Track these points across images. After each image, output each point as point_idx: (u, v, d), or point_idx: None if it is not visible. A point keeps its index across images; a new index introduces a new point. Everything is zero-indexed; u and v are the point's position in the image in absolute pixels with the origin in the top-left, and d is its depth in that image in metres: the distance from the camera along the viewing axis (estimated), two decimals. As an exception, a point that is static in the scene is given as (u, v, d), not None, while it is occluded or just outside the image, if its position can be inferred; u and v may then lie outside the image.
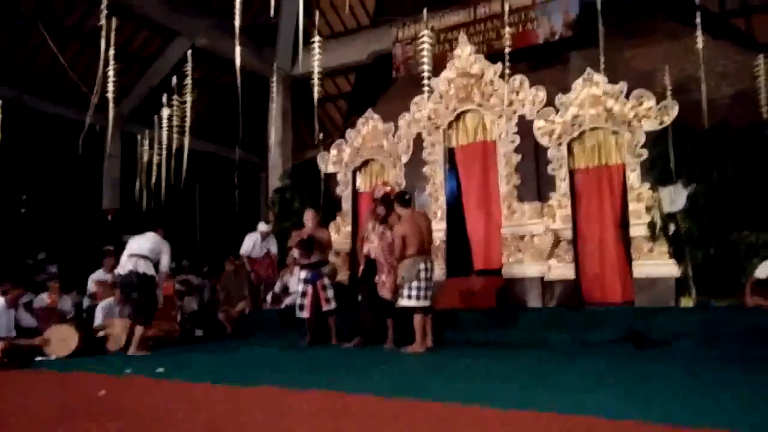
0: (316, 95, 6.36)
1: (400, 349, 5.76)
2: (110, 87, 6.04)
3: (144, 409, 3.00)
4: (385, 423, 2.78)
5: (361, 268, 6.45)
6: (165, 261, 6.49)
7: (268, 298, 8.66)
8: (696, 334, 5.59)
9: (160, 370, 4.84)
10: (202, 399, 3.63)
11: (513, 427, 2.61)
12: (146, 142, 8.94)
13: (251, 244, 8.71)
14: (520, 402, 3.08)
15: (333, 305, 6.69)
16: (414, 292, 5.69)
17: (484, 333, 6.58)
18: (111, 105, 6.00)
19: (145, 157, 9.00)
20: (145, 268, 6.25)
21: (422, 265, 5.76)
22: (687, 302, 6.52)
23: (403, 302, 5.75)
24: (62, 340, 6.06)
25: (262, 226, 8.95)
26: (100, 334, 6.60)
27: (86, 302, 8.11)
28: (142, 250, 6.35)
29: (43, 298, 7.85)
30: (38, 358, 5.89)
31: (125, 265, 6.29)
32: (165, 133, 8.10)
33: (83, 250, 10.36)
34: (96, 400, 3.38)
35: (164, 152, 8.39)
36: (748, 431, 2.41)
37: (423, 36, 7.82)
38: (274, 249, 8.89)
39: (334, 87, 15.88)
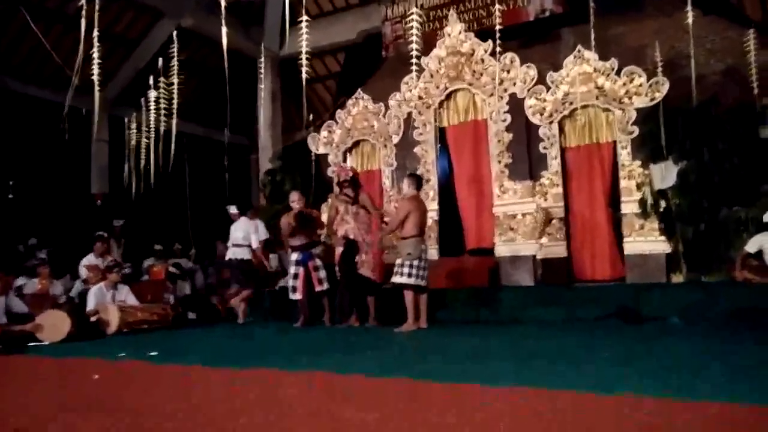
0: (304, 76, 6.29)
1: (394, 329, 5.79)
2: (95, 70, 5.92)
3: (143, 407, 2.96)
4: (381, 404, 2.79)
5: (340, 249, 6.47)
6: (254, 239, 7.67)
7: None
8: (687, 309, 5.65)
9: (154, 354, 4.84)
10: (198, 385, 3.63)
11: (509, 404, 2.63)
12: (134, 126, 8.83)
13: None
14: (516, 379, 3.10)
15: (326, 286, 6.69)
16: (414, 271, 5.79)
17: (477, 312, 6.63)
18: (96, 88, 5.89)
19: (133, 141, 8.89)
20: (242, 254, 7.61)
21: (423, 246, 5.91)
22: (678, 278, 6.60)
23: (402, 279, 5.79)
24: (55, 325, 6.04)
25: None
26: (93, 318, 6.59)
27: (79, 287, 8.06)
28: (237, 239, 7.67)
29: (35, 283, 7.80)
30: (31, 344, 5.87)
31: (231, 252, 7.71)
32: (153, 116, 7.99)
33: (73, 235, 10.27)
34: (94, 398, 3.34)
35: (152, 136, 8.28)
36: (740, 400, 2.44)
37: (412, 14, 7.74)
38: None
39: (323, 67, 15.69)
